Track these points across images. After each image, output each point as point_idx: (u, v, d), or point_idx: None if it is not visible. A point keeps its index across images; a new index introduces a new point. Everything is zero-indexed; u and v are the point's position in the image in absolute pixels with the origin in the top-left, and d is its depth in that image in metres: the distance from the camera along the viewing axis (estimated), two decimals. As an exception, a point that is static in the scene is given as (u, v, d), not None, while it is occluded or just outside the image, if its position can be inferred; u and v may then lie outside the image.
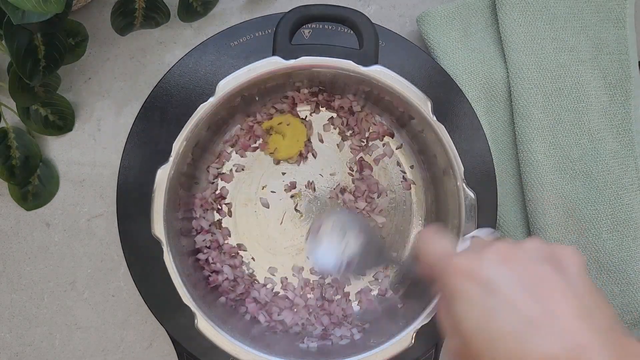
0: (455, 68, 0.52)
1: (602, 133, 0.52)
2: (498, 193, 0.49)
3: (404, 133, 0.51)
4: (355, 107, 0.51)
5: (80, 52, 0.52)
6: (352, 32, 0.44)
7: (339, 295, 0.52)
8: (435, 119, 0.44)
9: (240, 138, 0.52)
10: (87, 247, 0.54)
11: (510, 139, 0.53)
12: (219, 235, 0.51)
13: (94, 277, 0.53)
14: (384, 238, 0.52)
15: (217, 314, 0.45)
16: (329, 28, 0.50)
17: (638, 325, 0.51)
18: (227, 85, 0.44)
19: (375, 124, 0.52)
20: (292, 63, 0.44)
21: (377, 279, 0.52)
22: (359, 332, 0.49)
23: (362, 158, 0.52)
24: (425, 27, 0.53)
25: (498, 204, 0.49)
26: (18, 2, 0.39)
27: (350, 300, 0.52)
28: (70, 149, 0.54)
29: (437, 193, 0.50)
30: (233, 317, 0.49)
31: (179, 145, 0.44)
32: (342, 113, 0.52)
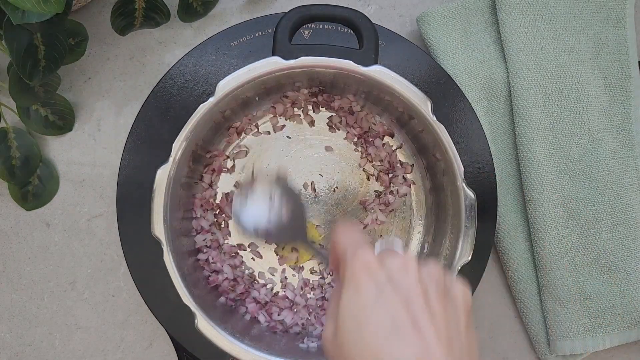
0: (455, 68, 0.52)
1: (602, 133, 0.52)
2: (498, 193, 0.49)
3: (404, 133, 0.51)
4: (355, 107, 0.51)
5: (80, 52, 0.52)
6: (352, 32, 0.44)
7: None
8: (435, 119, 0.44)
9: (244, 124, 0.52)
10: (87, 247, 0.54)
11: (510, 139, 0.53)
12: (219, 235, 0.51)
13: (94, 277, 0.53)
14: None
15: (217, 314, 0.45)
16: (329, 28, 0.50)
17: (638, 325, 0.51)
18: (227, 85, 0.44)
19: (375, 124, 0.52)
20: (292, 63, 0.44)
21: None
22: None
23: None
24: (425, 27, 0.53)
25: (498, 204, 0.49)
26: (18, 2, 0.39)
27: None
28: (70, 149, 0.54)
29: (437, 193, 0.50)
30: (233, 317, 0.49)
31: (179, 145, 0.44)
32: (341, 113, 0.52)
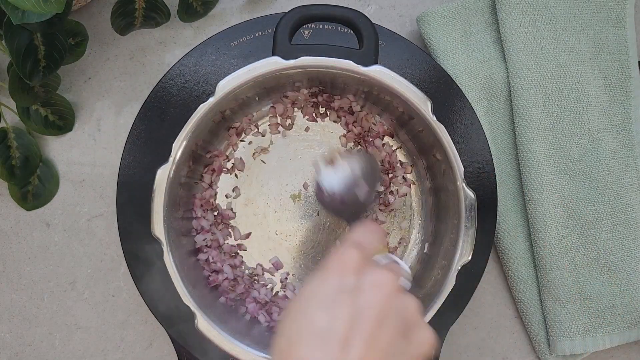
0: (455, 68, 0.52)
1: (602, 133, 0.52)
2: (498, 193, 0.49)
3: (404, 133, 0.51)
4: (355, 107, 0.51)
5: (80, 52, 0.52)
6: (352, 32, 0.44)
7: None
8: (435, 119, 0.44)
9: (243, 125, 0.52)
10: (87, 247, 0.54)
11: (510, 139, 0.53)
12: (219, 235, 0.51)
13: (94, 277, 0.53)
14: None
15: (217, 314, 0.45)
16: (329, 28, 0.50)
17: (638, 325, 0.51)
18: (226, 85, 0.44)
19: (375, 124, 0.52)
20: (291, 63, 0.44)
21: None
22: None
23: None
24: (425, 27, 0.53)
25: (498, 204, 0.49)
26: (18, 2, 0.39)
27: None
28: (70, 149, 0.54)
29: (437, 193, 0.50)
30: (233, 317, 0.49)
31: (179, 145, 0.44)
32: (341, 113, 0.52)
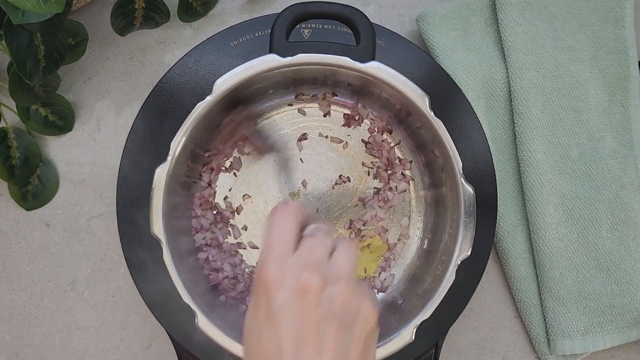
0: (455, 68, 0.52)
1: (601, 132, 0.52)
2: (498, 193, 0.49)
3: (402, 129, 0.51)
4: (353, 103, 0.51)
5: (80, 52, 0.52)
6: (352, 31, 0.44)
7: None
8: (433, 115, 0.44)
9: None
10: (86, 247, 0.54)
11: (510, 139, 0.53)
12: (219, 234, 0.51)
13: (94, 277, 0.53)
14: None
15: (217, 313, 0.45)
16: (329, 27, 0.50)
17: (638, 325, 0.51)
18: (224, 84, 0.44)
19: (374, 120, 0.52)
20: (288, 60, 0.44)
21: (377, 275, 0.52)
22: None
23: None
24: (425, 26, 0.53)
25: (498, 204, 0.49)
26: (18, 2, 0.39)
27: None
28: (70, 149, 0.54)
29: (436, 189, 0.50)
30: (233, 315, 0.48)
31: (177, 144, 0.44)
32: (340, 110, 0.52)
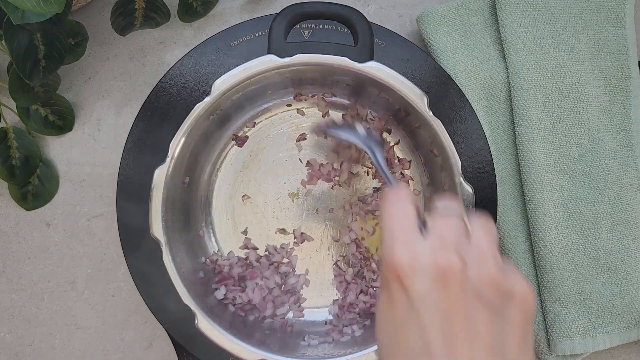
0: (455, 68, 0.52)
1: (601, 133, 0.52)
2: (498, 193, 0.49)
3: (401, 129, 0.52)
4: (352, 103, 0.51)
5: (80, 52, 0.52)
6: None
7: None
8: (432, 114, 0.45)
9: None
10: (87, 247, 0.54)
11: (510, 139, 0.53)
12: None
13: (94, 277, 0.53)
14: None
15: (217, 313, 0.45)
16: (329, 28, 0.50)
17: (638, 325, 0.51)
18: (223, 84, 0.44)
19: (372, 120, 0.52)
20: (286, 61, 0.44)
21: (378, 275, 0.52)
22: (360, 328, 0.49)
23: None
24: (425, 27, 0.53)
25: (498, 204, 0.49)
26: (18, 2, 0.39)
27: None
28: (70, 149, 0.54)
29: (435, 189, 0.50)
30: (231, 315, 0.49)
31: (176, 145, 0.44)
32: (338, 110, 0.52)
